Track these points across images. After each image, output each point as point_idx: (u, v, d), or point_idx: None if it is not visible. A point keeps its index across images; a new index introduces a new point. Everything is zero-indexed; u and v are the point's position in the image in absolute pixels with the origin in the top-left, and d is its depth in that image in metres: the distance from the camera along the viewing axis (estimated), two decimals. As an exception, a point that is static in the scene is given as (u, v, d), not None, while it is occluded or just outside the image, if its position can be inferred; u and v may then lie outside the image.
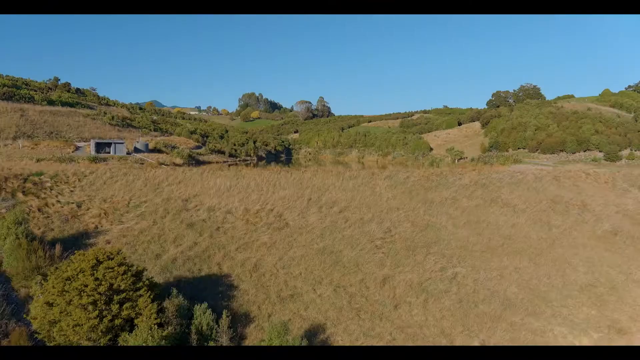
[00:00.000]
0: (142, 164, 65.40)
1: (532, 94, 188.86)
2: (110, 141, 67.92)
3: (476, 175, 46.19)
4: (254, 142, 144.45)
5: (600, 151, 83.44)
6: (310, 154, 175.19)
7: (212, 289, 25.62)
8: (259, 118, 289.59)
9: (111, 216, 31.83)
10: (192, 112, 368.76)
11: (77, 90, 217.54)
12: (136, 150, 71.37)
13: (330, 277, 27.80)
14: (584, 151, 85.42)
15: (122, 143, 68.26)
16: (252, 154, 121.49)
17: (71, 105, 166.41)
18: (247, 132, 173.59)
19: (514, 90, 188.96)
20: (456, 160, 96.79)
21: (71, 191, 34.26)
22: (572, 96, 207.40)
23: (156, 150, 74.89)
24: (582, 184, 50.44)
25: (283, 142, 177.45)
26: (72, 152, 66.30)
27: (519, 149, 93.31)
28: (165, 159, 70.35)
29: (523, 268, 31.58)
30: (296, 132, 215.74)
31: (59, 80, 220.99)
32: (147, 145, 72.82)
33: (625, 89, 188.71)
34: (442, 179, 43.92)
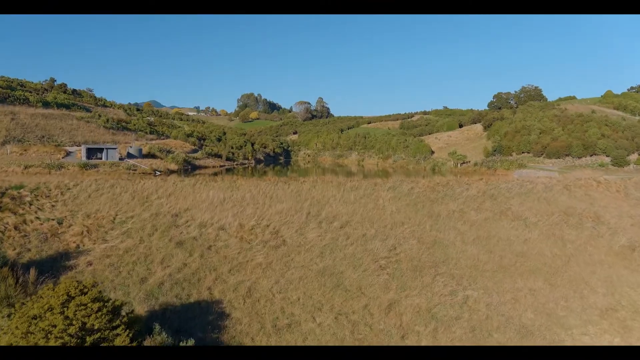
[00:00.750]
0: (135, 170, 63.05)
1: (533, 95, 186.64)
2: (102, 146, 65.56)
3: (484, 185, 43.92)
4: (252, 145, 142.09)
5: (607, 156, 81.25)
6: (309, 156, 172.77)
7: (202, 319, 23.35)
8: (257, 119, 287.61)
9: (94, 234, 29.51)
10: (190, 113, 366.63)
11: (74, 92, 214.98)
12: (129, 155, 68.95)
13: (331, 302, 25.55)
14: (590, 156, 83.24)
15: (115, 148, 65.89)
16: (249, 157, 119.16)
17: (67, 106, 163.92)
18: (245, 134, 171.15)
19: (516, 92, 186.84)
20: (459, 165, 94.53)
21: (52, 206, 31.93)
22: (574, 97, 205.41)
23: (150, 155, 72.51)
24: (594, 193, 48.21)
25: (282, 143, 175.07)
26: (62, 157, 63.92)
27: (523, 153, 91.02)
28: (159, 165, 67.98)
29: (538, 290, 29.36)
30: (295, 133, 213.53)
31: (55, 81, 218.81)
32: (140, 150, 70.43)
33: (628, 90, 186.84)
34: (449, 190, 41.64)
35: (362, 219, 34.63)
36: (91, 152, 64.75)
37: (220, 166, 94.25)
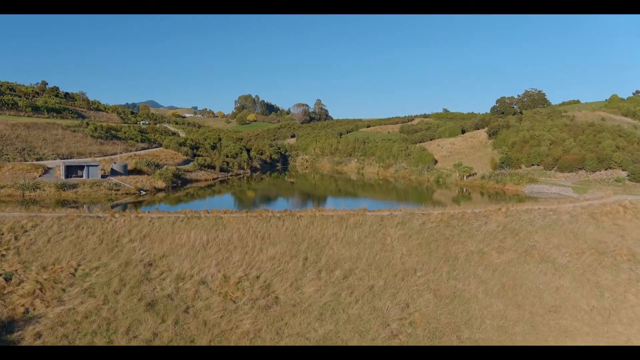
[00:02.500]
0: (118, 190, 58.19)
1: (537, 99, 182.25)
2: (82, 164, 60.55)
3: (503, 217, 39.14)
4: (248, 152, 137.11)
5: (623, 170, 76.65)
6: (307, 161, 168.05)
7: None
8: (255, 121, 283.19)
9: (49, 292, 24.63)
10: (187, 115, 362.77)
11: (66, 95, 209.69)
12: (113, 172, 63.96)
13: (332, 388, 20.70)
14: (605, 169, 78.61)
15: (97, 165, 60.91)
16: (245, 167, 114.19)
17: (57, 111, 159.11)
18: (241, 139, 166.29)
19: (519, 96, 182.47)
20: (464, 177, 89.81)
21: (2, 256, 27.04)
22: (578, 101, 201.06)
23: (136, 171, 67.46)
24: (622, 221, 43.52)
25: (279, 149, 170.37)
26: (39, 176, 59.00)
27: (532, 165, 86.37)
28: (144, 183, 63.03)
29: None
30: (293, 136, 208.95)
31: (47, 84, 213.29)
32: (125, 166, 65.36)
33: (634, 94, 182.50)
34: (465, 224, 36.82)
35: (368, 265, 29.81)
36: (71, 170, 59.78)
37: (214, 179, 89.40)
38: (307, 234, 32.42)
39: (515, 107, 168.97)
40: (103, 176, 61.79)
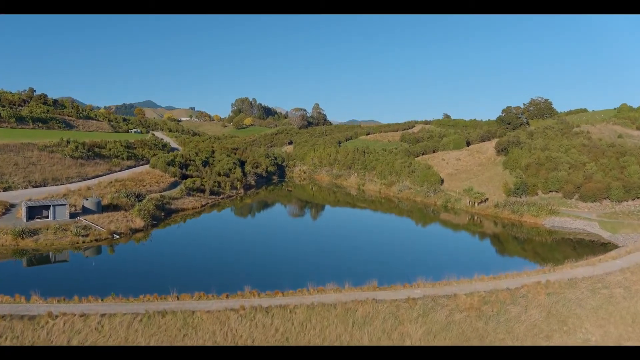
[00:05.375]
0: (87, 235, 50.79)
1: (543, 108, 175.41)
2: (48, 203, 53.01)
3: (544, 295, 31.93)
4: (242, 166, 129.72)
5: (652, 200, 69.72)
6: (305, 172, 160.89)
7: None
8: (252, 125, 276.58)
9: None
10: (183, 118, 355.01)
11: (55, 103, 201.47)
12: (85, 210, 56.45)
13: None
14: (633, 200, 71.57)
15: (64, 205, 53.39)
16: (238, 186, 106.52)
17: (44, 121, 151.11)
18: (236, 150, 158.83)
19: (524, 105, 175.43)
20: (476, 204, 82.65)
21: None
22: (586, 110, 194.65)
23: (112, 207, 59.81)
24: (680, 289, 36.40)
25: (276, 159, 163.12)
26: (-2, 217, 51.56)
27: (550, 192, 79.21)
28: (120, 223, 55.53)
29: None
30: (290, 143, 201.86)
31: (35, 91, 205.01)
32: (99, 203, 57.73)
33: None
34: (501, 311, 29.56)
35: (384, 391, 22.50)
36: (34, 211, 52.31)
37: (202, 205, 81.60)
38: (303, 339, 25.08)
39: (522, 117, 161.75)
40: (73, 214, 54.40)
